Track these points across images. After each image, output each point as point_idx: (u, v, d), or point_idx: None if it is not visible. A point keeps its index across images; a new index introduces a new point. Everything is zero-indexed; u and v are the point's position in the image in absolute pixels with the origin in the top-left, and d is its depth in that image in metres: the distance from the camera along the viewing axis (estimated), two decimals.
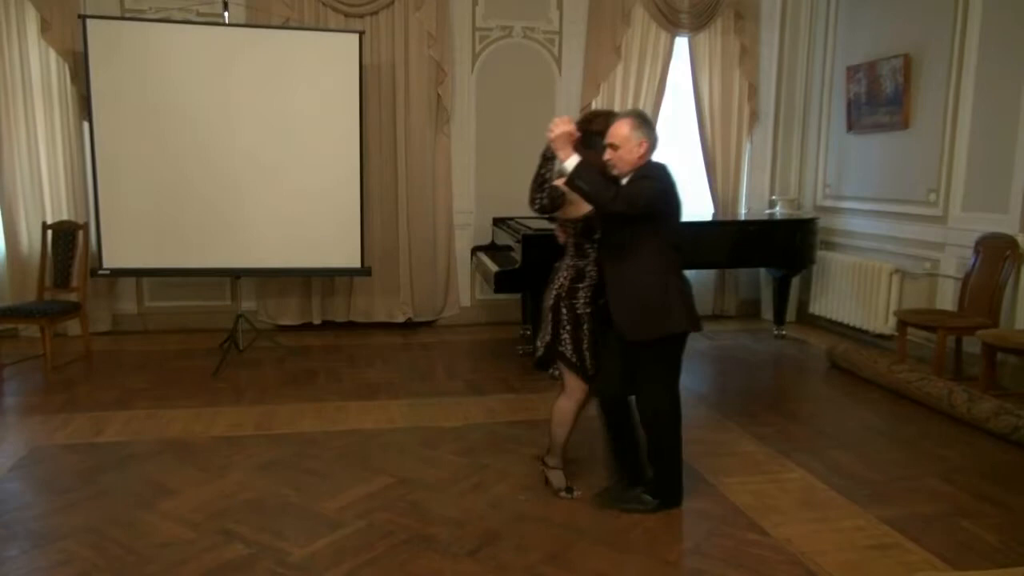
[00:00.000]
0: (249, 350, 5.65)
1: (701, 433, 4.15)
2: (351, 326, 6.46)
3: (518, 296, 6.23)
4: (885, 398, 4.79)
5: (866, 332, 6.00)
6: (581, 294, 3.20)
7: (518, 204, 6.39)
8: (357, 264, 5.91)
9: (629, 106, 6.65)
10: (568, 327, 3.20)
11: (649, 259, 3.04)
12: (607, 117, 3.14)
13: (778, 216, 6.68)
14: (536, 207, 3.16)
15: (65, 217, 5.76)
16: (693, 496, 3.38)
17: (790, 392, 5.15)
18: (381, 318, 6.50)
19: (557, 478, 3.38)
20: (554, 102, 6.68)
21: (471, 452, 3.85)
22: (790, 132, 7.06)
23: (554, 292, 3.25)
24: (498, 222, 6.10)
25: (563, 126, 2.95)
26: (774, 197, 7.02)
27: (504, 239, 5.80)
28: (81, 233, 5.45)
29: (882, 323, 5.81)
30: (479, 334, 6.44)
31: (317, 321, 6.46)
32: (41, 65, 5.78)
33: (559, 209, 3.18)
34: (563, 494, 3.34)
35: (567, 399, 3.33)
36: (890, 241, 5.91)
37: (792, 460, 3.78)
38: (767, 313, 6.90)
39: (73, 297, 5.38)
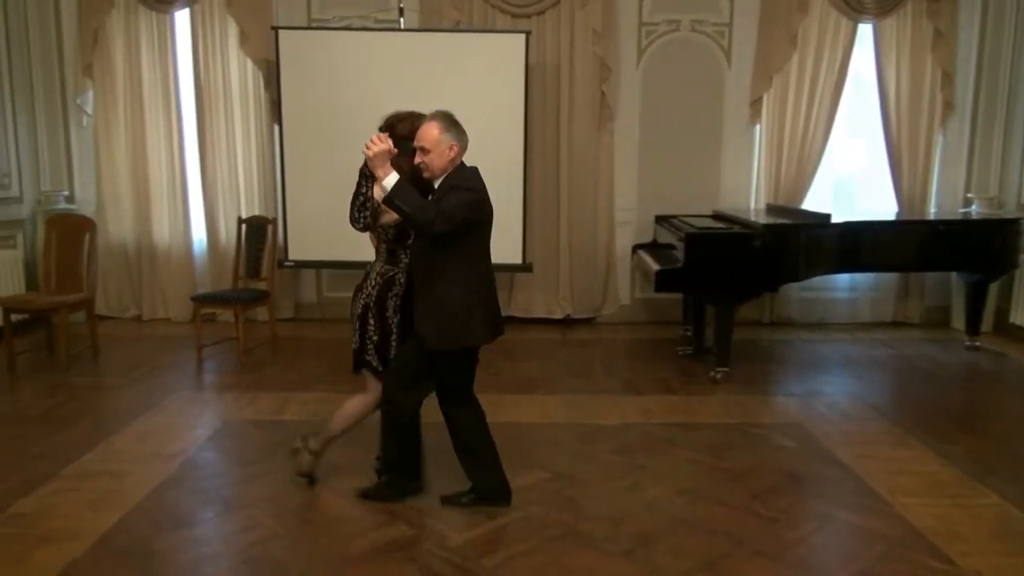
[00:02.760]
0: None
1: (877, 448, 3.86)
2: (510, 320, 6.56)
3: (679, 296, 6.09)
4: None
5: None
6: (391, 303, 3.13)
7: (681, 202, 6.30)
8: (518, 260, 6.02)
9: (805, 98, 6.33)
10: (375, 338, 3.14)
11: (457, 269, 2.95)
12: (412, 120, 3.03)
13: (975, 216, 6.07)
14: (359, 227, 3.05)
15: (257, 212, 6.28)
16: (866, 514, 3.15)
17: (984, 409, 4.67)
18: (540, 314, 6.58)
19: (306, 462, 3.32)
20: (723, 97, 6.46)
21: (627, 451, 3.81)
22: (991, 124, 6.36)
23: (362, 301, 3.16)
24: (660, 220, 5.98)
25: (381, 144, 2.81)
26: (970, 195, 6.38)
27: (666, 237, 5.68)
28: (270, 227, 5.92)
29: None
30: (638, 333, 6.35)
31: None
32: (239, 74, 6.35)
33: (379, 219, 3.06)
34: (301, 478, 3.32)
35: (363, 399, 3.25)
36: None
37: (985, 484, 3.43)
38: (958, 322, 6.30)
39: (262, 286, 5.86)
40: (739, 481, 3.47)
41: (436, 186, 2.97)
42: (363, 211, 3.00)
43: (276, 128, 6.17)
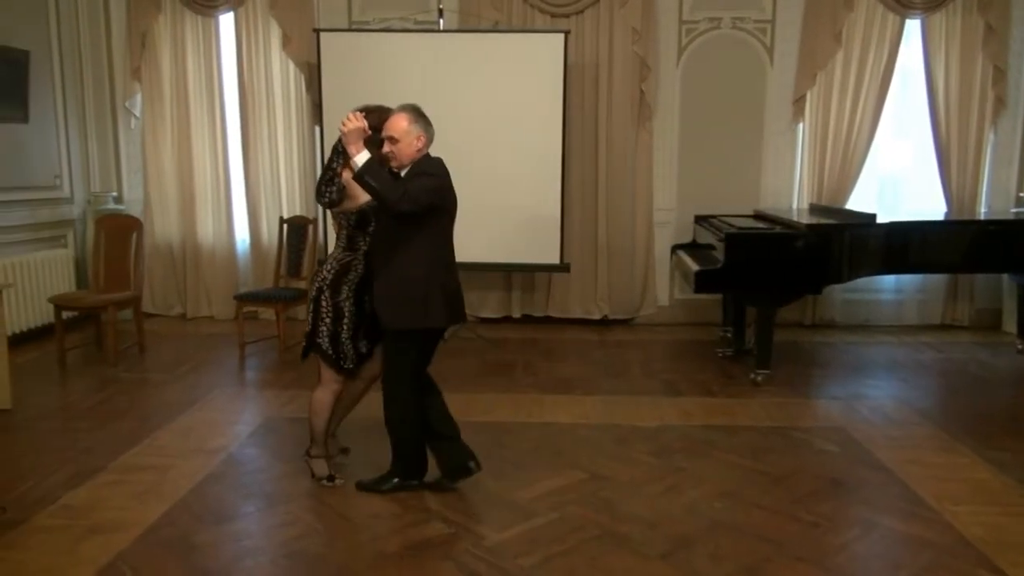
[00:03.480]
0: (453, 340, 5.92)
1: (923, 454, 3.77)
2: (548, 321, 6.57)
3: (719, 297, 6.02)
4: None
5: None
6: (345, 288, 3.24)
7: (722, 202, 6.23)
8: (556, 260, 6.02)
9: (850, 96, 6.22)
10: (327, 319, 3.24)
11: (418, 252, 3.08)
12: (380, 112, 3.14)
13: None
14: (324, 201, 3.17)
15: (298, 212, 6.37)
16: (911, 521, 3.08)
17: None
18: (578, 314, 6.56)
19: (319, 467, 3.41)
20: (764, 95, 6.37)
21: (665, 453, 3.77)
22: None
23: (317, 285, 3.27)
24: (700, 220, 5.92)
25: (356, 122, 2.95)
26: (1023, 194, 6.20)
27: (706, 238, 5.62)
28: (311, 227, 5.99)
29: None
30: (677, 334, 6.30)
31: (516, 315, 6.64)
32: (281, 76, 6.44)
33: (343, 202, 3.19)
34: (324, 483, 3.38)
35: (322, 390, 3.36)
36: None
37: None
38: (1009, 325, 6.12)
39: (303, 285, 5.92)
40: (780, 485, 3.42)
41: (402, 175, 3.09)
42: (330, 186, 3.13)
43: (317, 129, 6.26)
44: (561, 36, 5.83)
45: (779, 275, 4.78)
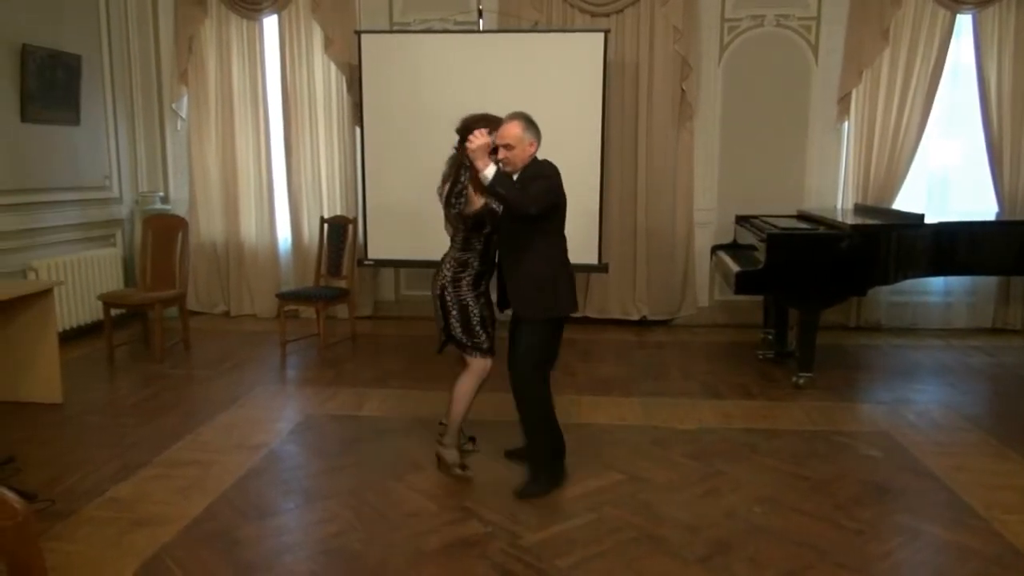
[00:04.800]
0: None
1: (972, 460, 3.67)
2: (585, 321, 6.54)
3: (760, 298, 5.93)
4: None
5: None
6: (464, 282, 3.43)
7: (764, 202, 6.14)
8: (594, 260, 5.99)
9: (897, 94, 6.08)
10: (455, 312, 3.43)
11: (540, 249, 3.30)
12: (487, 121, 3.31)
13: None
14: (454, 212, 3.37)
15: (338, 212, 6.44)
16: (958, 529, 2.99)
17: None
18: (616, 315, 6.52)
19: (451, 455, 3.51)
20: (809, 93, 6.26)
21: (704, 456, 3.73)
22: None
23: (439, 283, 3.47)
24: (741, 220, 5.84)
25: (482, 139, 3.10)
26: None
27: (747, 238, 5.54)
28: (351, 227, 6.06)
29: None
30: (717, 336, 6.22)
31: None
32: (323, 77, 6.52)
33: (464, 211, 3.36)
34: (456, 471, 3.48)
35: (467, 378, 3.50)
36: None
37: None
38: None
39: (343, 284, 6.00)
40: (822, 491, 3.35)
41: (515, 178, 3.24)
42: (459, 198, 3.34)
43: (357, 130, 6.32)
44: (601, 35, 5.80)
45: (823, 277, 4.69)
